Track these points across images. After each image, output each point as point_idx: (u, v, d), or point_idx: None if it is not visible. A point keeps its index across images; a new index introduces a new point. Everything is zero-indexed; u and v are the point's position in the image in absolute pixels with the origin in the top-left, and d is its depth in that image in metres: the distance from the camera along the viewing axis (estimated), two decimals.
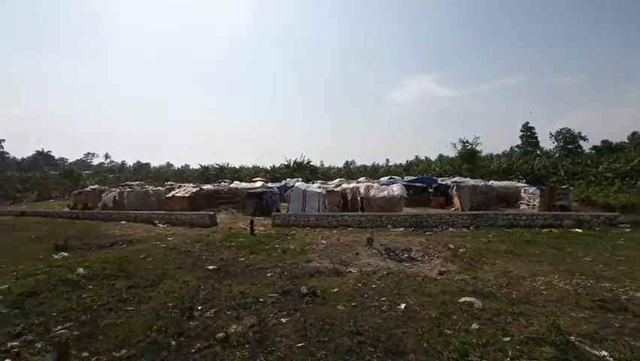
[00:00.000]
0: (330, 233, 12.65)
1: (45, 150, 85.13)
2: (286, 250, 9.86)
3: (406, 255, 8.96)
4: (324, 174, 58.33)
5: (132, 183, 37.45)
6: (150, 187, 27.41)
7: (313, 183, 28.47)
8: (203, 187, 24.20)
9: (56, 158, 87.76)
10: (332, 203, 18.62)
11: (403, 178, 31.22)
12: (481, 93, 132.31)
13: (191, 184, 32.28)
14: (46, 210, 23.72)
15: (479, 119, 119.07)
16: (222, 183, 31.25)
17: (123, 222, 17.09)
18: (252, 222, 13.38)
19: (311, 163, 56.22)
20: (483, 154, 38.61)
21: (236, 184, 26.52)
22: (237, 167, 65.98)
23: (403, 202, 17.15)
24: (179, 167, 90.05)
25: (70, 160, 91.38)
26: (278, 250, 9.92)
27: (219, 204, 22.04)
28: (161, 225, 15.82)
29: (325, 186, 23.86)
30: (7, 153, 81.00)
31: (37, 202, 35.24)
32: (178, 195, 21.12)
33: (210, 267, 8.23)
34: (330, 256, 9.08)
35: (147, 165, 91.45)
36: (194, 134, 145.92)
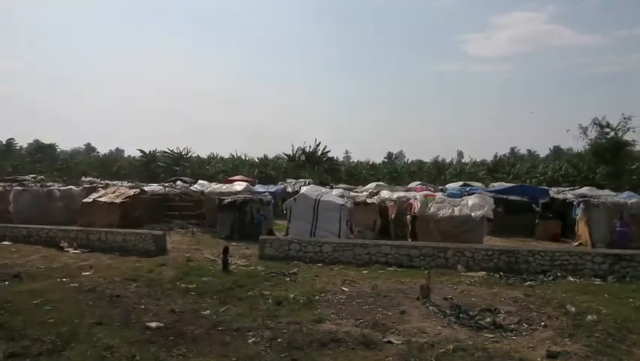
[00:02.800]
0: (358, 274, 12.74)
1: None
2: (282, 300, 10.02)
3: (488, 319, 8.98)
4: (350, 173, 58.23)
5: (24, 177, 38.27)
6: (56, 185, 27.95)
7: (332, 188, 28.87)
8: (146, 189, 24.68)
9: None
10: (362, 223, 18.69)
11: (487, 186, 31.29)
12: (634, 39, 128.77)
13: (125, 183, 32.70)
14: None
15: (630, 87, 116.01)
16: (179, 182, 31.92)
17: (6, 242, 17.56)
18: (225, 250, 13.59)
19: (329, 155, 56.33)
20: (638, 148, 37.38)
21: (201, 186, 26.97)
22: (205, 157, 66.55)
23: (486, 228, 17.01)
24: (106, 153, 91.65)
25: None
26: (268, 299, 10.08)
27: (172, 217, 22.52)
28: (72, 250, 16.15)
29: (352, 194, 24.19)
30: None
31: None
32: (103, 200, 21.43)
33: (153, 324, 8.38)
34: (356, 314, 9.16)
35: (51, 147, 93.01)
36: (131, 102, 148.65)
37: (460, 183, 35.45)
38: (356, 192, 27.84)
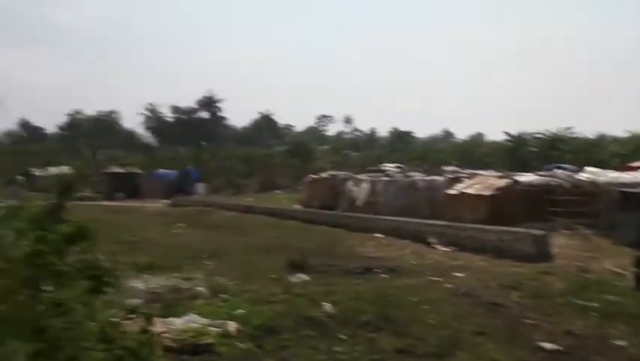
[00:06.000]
0: None
1: (267, 113, 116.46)
2: None
3: None
4: None
5: (387, 166, 43.54)
6: (417, 175, 30.67)
7: None
8: (521, 179, 24.79)
9: (280, 124, 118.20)
10: None
11: None
12: None
13: (491, 172, 33.23)
14: (273, 206, 32.82)
15: None
16: (558, 170, 30.88)
17: (378, 234, 20.40)
18: (638, 262, 12.47)
19: None
20: None
21: (590, 174, 25.59)
22: (594, 137, 62.77)
23: None
24: (467, 138, 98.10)
25: (296, 128, 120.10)
26: None
27: (553, 214, 21.78)
28: (439, 246, 17.52)
29: None
30: (226, 119, 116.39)
31: (260, 193, 49.23)
32: (469, 192, 22.59)
33: (547, 345, 8.29)
34: None
35: (409, 135, 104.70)
36: (488, 73, 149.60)
37: None
38: None
